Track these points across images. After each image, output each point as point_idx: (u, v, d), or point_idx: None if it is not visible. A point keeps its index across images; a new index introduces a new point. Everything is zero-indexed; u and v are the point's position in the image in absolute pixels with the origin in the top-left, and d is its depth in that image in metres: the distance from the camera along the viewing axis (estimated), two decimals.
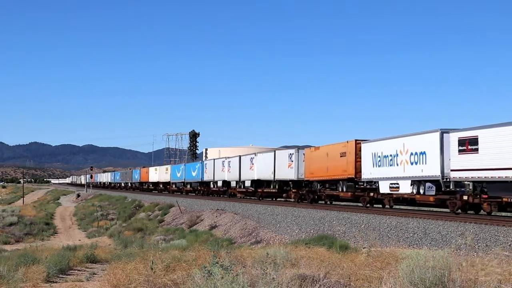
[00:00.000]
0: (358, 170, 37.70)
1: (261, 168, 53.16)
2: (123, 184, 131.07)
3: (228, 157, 63.85)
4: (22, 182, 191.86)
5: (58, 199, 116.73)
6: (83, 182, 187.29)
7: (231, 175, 61.59)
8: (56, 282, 18.08)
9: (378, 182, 35.90)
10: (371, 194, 37.18)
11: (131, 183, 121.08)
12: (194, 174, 75.59)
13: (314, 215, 33.87)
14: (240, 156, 59.71)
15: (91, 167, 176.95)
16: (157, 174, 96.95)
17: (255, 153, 55.75)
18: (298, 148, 47.45)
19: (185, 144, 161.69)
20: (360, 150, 37.81)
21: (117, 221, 63.08)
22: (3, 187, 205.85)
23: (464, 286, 10.51)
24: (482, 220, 25.07)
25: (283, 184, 49.94)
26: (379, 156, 35.42)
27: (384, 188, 35.01)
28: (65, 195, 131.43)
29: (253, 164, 55.01)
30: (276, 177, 49.79)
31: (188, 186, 79.61)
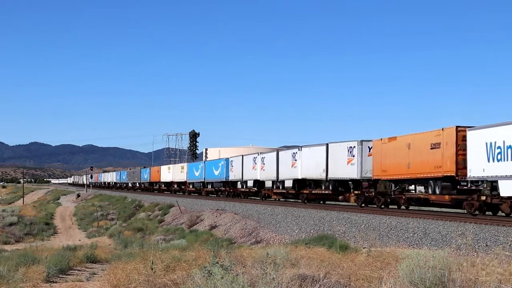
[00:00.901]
0: (461, 166, 29.36)
1: (307, 165, 45.15)
2: (130, 184, 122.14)
3: (261, 153, 56.39)
4: (22, 182, 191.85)
5: (58, 199, 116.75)
6: (86, 182, 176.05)
7: (265, 174, 53.52)
8: (56, 282, 18.09)
9: (497, 181, 27.27)
10: (483, 197, 28.55)
11: (139, 183, 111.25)
12: (216, 172, 66.35)
13: (314, 215, 33.86)
14: (277, 151, 52.33)
15: (91, 167, 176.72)
16: (171, 173, 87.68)
17: (299, 148, 47.11)
18: (362, 140, 39.16)
19: (185, 144, 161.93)
20: (464, 140, 29.37)
21: (117, 221, 63.10)
22: (3, 187, 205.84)
23: (464, 286, 10.51)
24: (482, 220, 25.08)
25: (339, 184, 41.51)
26: (498, 147, 26.85)
27: (507, 189, 26.45)
28: (65, 195, 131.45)
29: (295, 160, 47.03)
30: (329, 176, 41.63)
31: (209, 186, 70.47)
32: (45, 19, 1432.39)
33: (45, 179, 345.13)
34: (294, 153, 47.80)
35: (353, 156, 38.93)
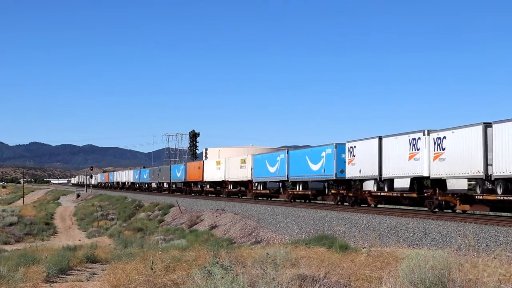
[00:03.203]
0: None
1: (454, 155, 28.66)
2: (154, 185, 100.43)
3: (365, 139, 37.10)
4: (22, 182, 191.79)
5: (58, 199, 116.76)
6: (93, 183, 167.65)
7: (354, 169, 37.48)
8: (56, 282, 18.08)
9: None
10: None
11: (169, 183, 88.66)
12: (315, 167, 42.55)
13: (314, 215, 33.85)
14: (380, 138, 35.05)
15: (91, 167, 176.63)
16: (222, 169, 64.48)
17: (424, 132, 31.17)
18: None
19: (185, 144, 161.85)
20: None
21: (117, 221, 63.10)
22: (3, 187, 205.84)
23: (464, 286, 10.51)
24: (482, 220, 25.07)
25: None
26: None
27: None
28: (65, 195, 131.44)
29: (417, 150, 31.46)
30: (495, 173, 25.90)
31: (298, 187, 46.37)
32: (46, 19, 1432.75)
33: (45, 179, 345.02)
34: (414, 139, 32.04)
35: None
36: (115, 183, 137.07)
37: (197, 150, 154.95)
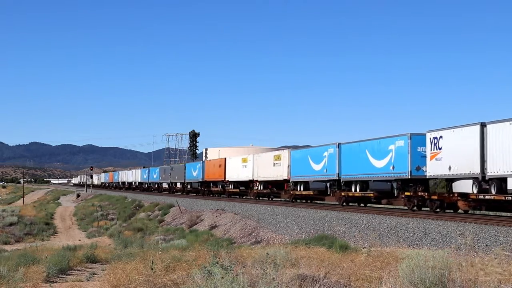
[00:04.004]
0: None
1: None
2: (165, 185, 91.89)
3: (456, 127, 29.32)
4: (22, 182, 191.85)
5: (58, 199, 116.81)
6: (96, 183, 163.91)
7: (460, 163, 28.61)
8: (56, 282, 18.09)
9: None
10: None
11: (183, 183, 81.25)
12: (379, 164, 34.81)
13: (314, 215, 33.87)
14: (483, 125, 27.13)
15: (91, 167, 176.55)
16: (249, 167, 56.53)
17: None
18: None
19: (185, 144, 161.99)
20: None
21: (117, 221, 63.12)
22: (3, 187, 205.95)
23: (464, 286, 10.52)
24: (482, 220, 25.08)
25: None
26: None
27: None
28: (65, 195, 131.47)
29: None
30: None
31: (353, 188, 37.93)
32: (46, 19, 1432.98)
33: (45, 179, 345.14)
34: None
35: None
36: (120, 183, 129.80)
37: (197, 150, 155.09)
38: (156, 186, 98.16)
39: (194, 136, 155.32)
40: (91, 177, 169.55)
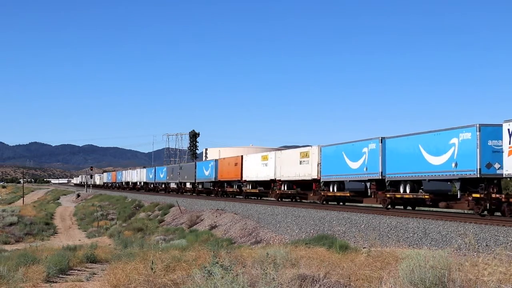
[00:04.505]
0: None
1: None
2: (173, 185, 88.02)
3: None
4: (22, 182, 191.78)
5: (58, 199, 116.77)
6: (98, 183, 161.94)
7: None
8: (56, 282, 18.09)
9: None
10: None
11: (193, 183, 76.68)
12: (437, 160, 30.23)
13: (314, 215, 33.85)
14: None
15: (91, 167, 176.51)
16: (271, 165, 51.71)
17: None
18: None
19: (185, 144, 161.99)
20: None
21: (117, 221, 63.07)
22: (3, 187, 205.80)
23: (464, 286, 10.51)
24: (482, 220, 25.08)
25: None
26: None
27: None
28: (65, 195, 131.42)
29: None
30: None
31: (402, 188, 33.72)
32: (46, 19, 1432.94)
33: (45, 179, 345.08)
34: None
35: None
36: (124, 183, 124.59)
37: (197, 150, 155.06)
38: (163, 186, 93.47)
39: (194, 136, 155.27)
40: (91, 177, 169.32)
